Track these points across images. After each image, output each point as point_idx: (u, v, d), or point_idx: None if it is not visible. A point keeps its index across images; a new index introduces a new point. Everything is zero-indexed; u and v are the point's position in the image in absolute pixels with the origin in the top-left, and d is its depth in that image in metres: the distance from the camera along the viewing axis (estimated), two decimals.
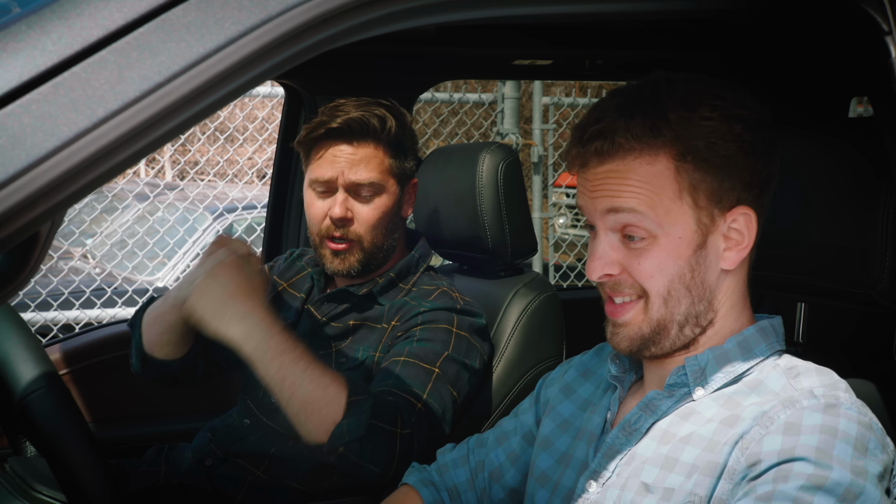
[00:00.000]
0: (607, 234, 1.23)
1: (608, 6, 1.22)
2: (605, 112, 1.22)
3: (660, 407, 1.25)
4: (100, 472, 1.35)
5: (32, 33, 0.85)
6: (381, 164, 1.94)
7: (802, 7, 1.40)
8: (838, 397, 1.14)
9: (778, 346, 1.27)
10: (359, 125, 1.92)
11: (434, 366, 1.82)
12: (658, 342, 1.24)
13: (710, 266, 1.23)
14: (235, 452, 1.97)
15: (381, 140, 1.94)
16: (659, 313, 1.22)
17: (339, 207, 1.92)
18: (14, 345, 1.48)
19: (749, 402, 1.19)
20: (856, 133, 1.48)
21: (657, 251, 1.20)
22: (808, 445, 1.08)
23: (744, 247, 1.22)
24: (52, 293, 4.53)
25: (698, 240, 1.21)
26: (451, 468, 1.56)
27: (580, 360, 1.50)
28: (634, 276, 1.22)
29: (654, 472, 1.20)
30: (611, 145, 1.20)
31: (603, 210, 1.22)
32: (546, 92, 6.21)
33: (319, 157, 1.95)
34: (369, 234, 1.94)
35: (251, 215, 5.40)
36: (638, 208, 1.19)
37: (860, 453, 1.08)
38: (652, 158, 1.19)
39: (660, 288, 1.21)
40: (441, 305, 1.92)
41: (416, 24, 1.04)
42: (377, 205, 1.94)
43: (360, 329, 1.97)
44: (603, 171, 1.21)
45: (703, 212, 1.20)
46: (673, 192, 1.19)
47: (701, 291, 1.23)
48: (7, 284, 0.95)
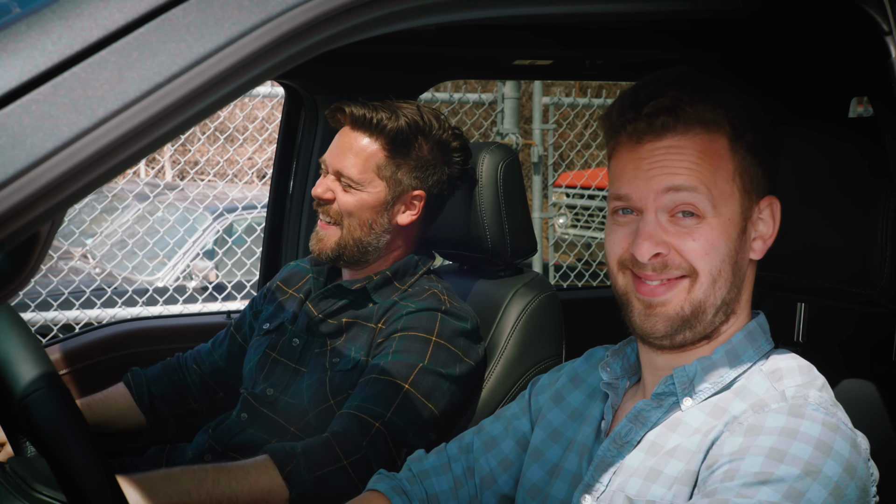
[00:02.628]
0: (658, 214, 1.21)
1: (608, 6, 1.22)
2: (665, 86, 1.21)
3: (649, 418, 1.25)
4: (100, 473, 1.34)
5: (32, 33, 0.85)
6: (369, 161, 1.95)
7: (802, 7, 1.40)
8: (807, 397, 1.14)
9: (766, 346, 1.27)
10: (361, 113, 1.96)
11: (405, 381, 1.82)
12: (693, 326, 1.22)
13: (746, 253, 1.24)
14: (234, 446, 1.97)
15: (381, 135, 1.95)
16: (703, 294, 1.21)
17: (320, 187, 1.99)
18: (14, 345, 1.48)
19: (733, 408, 1.19)
20: (856, 133, 1.48)
21: (709, 231, 1.20)
22: (761, 445, 1.08)
23: (769, 236, 1.24)
24: (52, 293, 4.53)
25: (742, 224, 1.22)
26: (432, 475, 1.51)
27: (570, 366, 1.49)
28: (685, 255, 1.20)
29: (637, 484, 1.20)
30: (675, 120, 1.19)
31: (660, 189, 1.20)
32: (546, 92, 6.20)
33: (334, 137, 2.02)
34: (346, 218, 1.97)
35: (251, 215, 5.40)
36: (698, 187, 1.18)
37: (821, 453, 1.07)
38: (712, 136, 1.20)
39: (712, 267, 1.20)
40: (425, 306, 1.92)
41: (417, 24, 1.04)
42: (355, 195, 1.97)
43: (352, 327, 1.98)
44: (662, 146, 1.20)
45: (747, 196, 1.22)
46: (728, 172, 1.20)
47: (740, 277, 1.24)
48: (7, 284, 0.95)
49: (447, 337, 1.90)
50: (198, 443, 2.05)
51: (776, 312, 1.93)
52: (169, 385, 2.22)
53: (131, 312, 4.51)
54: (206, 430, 2.08)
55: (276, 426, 1.95)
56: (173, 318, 3.24)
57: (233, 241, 5.25)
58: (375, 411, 1.78)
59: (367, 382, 1.83)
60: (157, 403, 2.20)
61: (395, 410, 1.79)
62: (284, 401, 1.97)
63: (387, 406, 1.79)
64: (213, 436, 2.02)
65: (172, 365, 2.26)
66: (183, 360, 2.27)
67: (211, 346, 2.26)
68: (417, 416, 1.81)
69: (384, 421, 1.77)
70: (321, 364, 1.96)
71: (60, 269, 4.93)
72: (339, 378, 1.92)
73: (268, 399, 1.99)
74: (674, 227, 1.20)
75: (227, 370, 2.22)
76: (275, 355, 2.04)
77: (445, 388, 1.87)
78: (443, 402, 1.86)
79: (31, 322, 4.32)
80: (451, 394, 1.89)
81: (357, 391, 1.83)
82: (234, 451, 1.96)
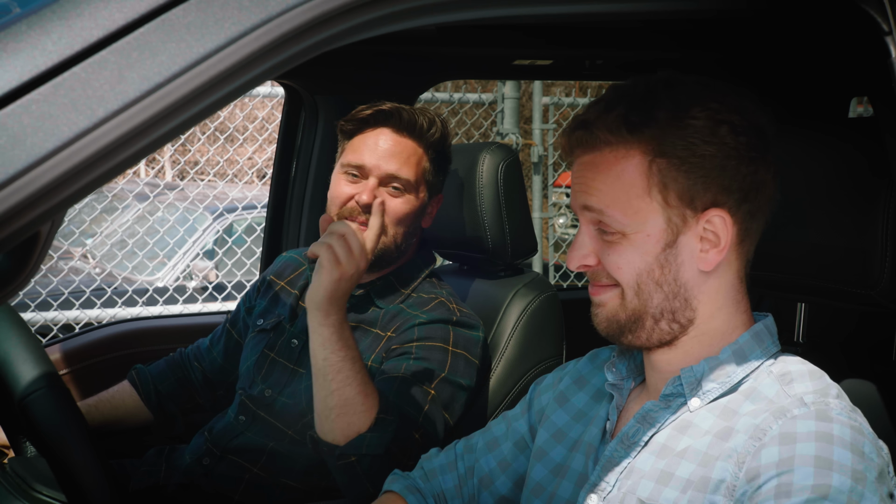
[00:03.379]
0: (587, 227, 1.26)
1: (608, 6, 1.22)
2: (595, 104, 1.25)
3: (657, 419, 1.25)
4: (100, 473, 1.34)
5: (32, 33, 0.85)
6: (419, 165, 1.94)
7: (803, 7, 1.40)
8: (828, 403, 1.14)
9: (773, 347, 1.26)
10: (409, 117, 1.92)
11: (430, 387, 1.81)
12: (634, 331, 1.25)
13: (684, 265, 1.23)
14: (232, 449, 1.96)
15: (424, 141, 1.94)
16: (633, 304, 1.24)
17: (367, 194, 1.88)
18: (14, 345, 1.48)
19: (744, 410, 1.18)
20: (856, 133, 1.48)
21: (626, 246, 1.22)
22: (806, 454, 1.08)
23: (720, 249, 1.22)
24: (52, 293, 4.53)
25: (668, 238, 1.22)
26: (439, 474, 1.55)
27: (574, 366, 1.50)
28: (607, 267, 1.24)
29: (649, 486, 1.20)
30: (589, 136, 1.23)
31: (579, 206, 1.26)
32: (546, 92, 6.20)
33: (360, 140, 1.93)
34: (392, 227, 1.91)
35: (251, 215, 5.40)
36: (605, 210, 1.22)
37: (858, 457, 1.08)
38: (625, 153, 1.21)
39: (628, 280, 1.23)
40: (437, 318, 1.90)
41: (417, 24, 1.04)
42: (406, 201, 1.92)
43: (354, 331, 1.96)
44: (582, 163, 1.25)
45: (674, 211, 1.21)
46: (641, 188, 1.20)
47: (674, 288, 1.23)
48: (7, 284, 0.95)
49: (462, 347, 1.89)
50: (195, 445, 2.05)
51: (776, 312, 1.93)
52: (174, 382, 2.22)
53: (131, 312, 4.51)
54: (202, 432, 2.07)
55: (274, 428, 1.94)
56: (173, 318, 3.24)
57: (233, 241, 5.25)
58: (412, 413, 1.76)
59: (395, 381, 1.79)
60: (165, 401, 2.20)
61: (425, 417, 1.78)
62: (282, 402, 1.96)
63: (419, 409, 1.78)
64: (211, 438, 2.01)
65: (176, 361, 2.25)
66: (185, 356, 2.26)
67: (209, 344, 2.26)
68: (438, 427, 1.80)
69: (419, 423, 1.76)
70: None
71: (60, 269, 4.93)
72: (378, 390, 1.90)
73: (266, 401, 1.98)
74: (601, 239, 1.25)
75: (226, 367, 2.21)
76: (273, 356, 2.04)
77: (462, 399, 1.86)
78: (458, 413, 1.86)
79: (31, 322, 4.32)
80: (466, 405, 1.88)
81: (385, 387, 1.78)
82: (233, 454, 1.96)
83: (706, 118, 1.19)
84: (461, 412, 1.87)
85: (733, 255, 1.24)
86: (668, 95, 1.21)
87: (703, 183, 1.20)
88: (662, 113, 1.19)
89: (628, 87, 1.25)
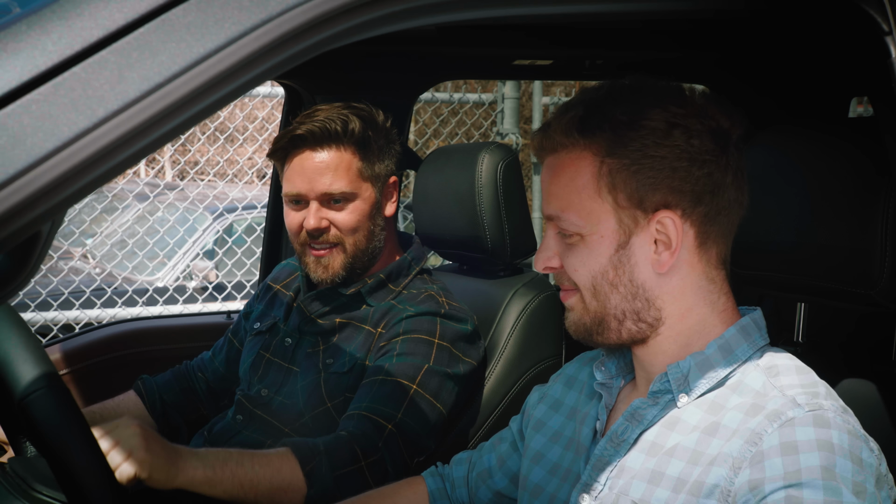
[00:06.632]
0: (552, 230, 1.28)
1: (608, 6, 1.22)
2: (558, 108, 1.27)
3: (645, 416, 1.25)
4: (100, 473, 1.34)
5: (32, 33, 0.85)
6: (350, 170, 1.94)
7: (802, 7, 1.40)
8: (822, 405, 1.13)
9: (761, 341, 1.26)
10: (320, 130, 1.91)
11: (413, 381, 1.82)
12: (602, 332, 1.27)
13: (638, 266, 1.23)
14: None
15: (346, 143, 1.93)
16: (593, 305, 1.25)
17: (312, 219, 1.93)
18: (14, 345, 1.48)
19: (731, 404, 1.18)
20: (856, 133, 1.48)
21: (581, 248, 1.24)
22: (812, 466, 1.07)
23: (672, 251, 1.22)
24: (52, 293, 4.53)
25: (621, 239, 1.22)
26: (455, 464, 1.62)
27: (564, 372, 1.52)
28: (566, 270, 1.26)
29: (641, 487, 1.20)
30: (546, 139, 1.25)
31: (543, 211, 1.29)
32: (546, 92, 6.20)
33: (290, 168, 1.95)
34: (349, 237, 1.95)
35: (251, 215, 5.40)
36: (561, 214, 1.24)
37: (858, 467, 1.08)
38: (578, 155, 1.23)
39: (584, 282, 1.24)
40: (425, 310, 1.92)
41: (417, 25, 1.04)
42: (352, 209, 1.95)
43: (346, 328, 1.97)
44: (545, 166, 1.27)
45: (625, 212, 1.21)
46: (593, 190, 1.22)
47: (631, 289, 1.23)
48: (7, 284, 0.95)
49: (449, 339, 1.91)
50: (195, 445, 2.05)
51: (776, 312, 1.93)
52: (179, 393, 2.23)
53: (131, 312, 4.51)
54: (202, 432, 2.08)
55: (271, 427, 1.95)
56: (173, 318, 3.24)
57: (233, 241, 5.25)
58: (386, 412, 1.78)
59: (374, 384, 1.83)
60: (169, 411, 2.20)
61: (405, 411, 1.79)
62: (278, 401, 1.97)
63: (397, 407, 1.79)
64: (210, 439, 2.02)
65: (181, 372, 2.26)
66: (190, 367, 2.28)
67: (212, 354, 2.27)
68: (427, 416, 1.82)
69: (396, 422, 1.78)
70: (314, 364, 1.96)
71: (60, 269, 4.93)
72: (335, 380, 1.92)
73: (262, 400, 1.99)
74: (563, 242, 1.26)
75: (228, 376, 2.22)
76: (268, 356, 2.05)
77: (451, 387, 1.88)
78: (450, 402, 1.88)
79: (31, 322, 4.32)
80: (457, 393, 1.90)
81: (363, 392, 1.83)
82: None
83: (661, 121, 1.19)
84: (453, 400, 1.88)
85: (694, 257, 1.23)
86: (631, 98, 1.22)
87: (651, 184, 1.20)
88: (619, 115, 1.20)
89: (592, 90, 1.27)
